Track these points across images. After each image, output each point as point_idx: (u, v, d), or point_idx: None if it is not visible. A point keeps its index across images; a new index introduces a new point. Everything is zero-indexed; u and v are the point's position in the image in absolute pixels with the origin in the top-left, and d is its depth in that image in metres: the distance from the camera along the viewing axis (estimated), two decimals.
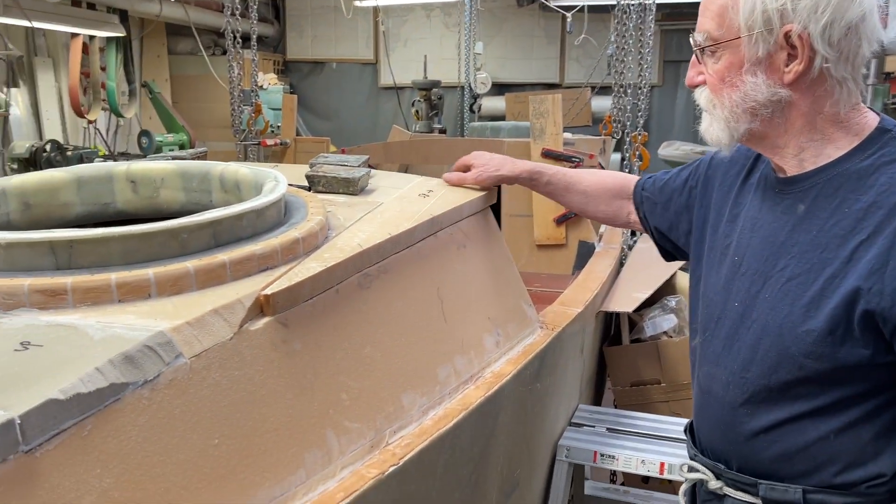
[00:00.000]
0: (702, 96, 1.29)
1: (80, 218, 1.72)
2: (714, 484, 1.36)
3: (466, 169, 1.98)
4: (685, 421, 1.55)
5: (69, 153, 5.31)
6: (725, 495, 1.35)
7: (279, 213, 1.50)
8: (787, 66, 1.17)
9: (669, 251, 1.68)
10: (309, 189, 1.89)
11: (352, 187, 1.86)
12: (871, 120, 1.20)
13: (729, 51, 1.21)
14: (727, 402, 1.32)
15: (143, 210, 1.79)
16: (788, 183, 1.26)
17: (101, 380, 0.95)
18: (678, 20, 8.93)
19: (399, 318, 1.54)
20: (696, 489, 1.46)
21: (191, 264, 1.21)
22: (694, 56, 1.30)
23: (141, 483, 0.98)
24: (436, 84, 8.13)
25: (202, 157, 2.49)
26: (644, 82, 4.18)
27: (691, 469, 1.41)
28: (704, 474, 1.38)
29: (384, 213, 1.71)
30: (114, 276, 1.15)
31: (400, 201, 1.82)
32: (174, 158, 1.99)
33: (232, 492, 1.09)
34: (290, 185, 1.84)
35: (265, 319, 1.22)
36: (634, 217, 1.74)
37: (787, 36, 1.15)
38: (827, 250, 1.16)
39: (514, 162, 1.93)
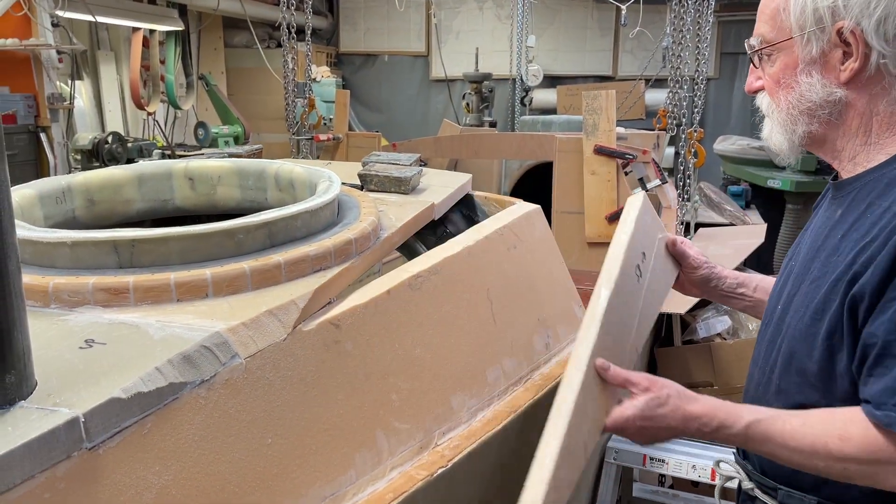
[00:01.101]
0: (763, 101, 1.27)
1: (140, 214, 1.77)
2: (747, 484, 1.36)
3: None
4: None
5: (129, 144, 5.45)
6: (756, 497, 1.35)
7: (332, 214, 1.52)
8: (842, 64, 1.14)
9: None
10: (361, 188, 1.90)
11: (403, 186, 1.87)
12: None
13: (783, 52, 1.19)
14: (753, 400, 1.31)
15: (200, 207, 1.83)
16: (837, 188, 1.25)
17: (161, 379, 0.98)
18: (736, 11, 8.70)
19: (449, 320, 1.54)
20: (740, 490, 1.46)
21: (247, 265, 1.24)
22: (752, 61, 1.28)
23: (197, 480, 1.00)
24: (487, 77, 8.10)
25: (258, 154, 2.53)
26: (700, 76, 4.08)
27: (725, 467, 1.42)
28: (738, 474, 1.39)
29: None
30: (173, 276, 1.18)
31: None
32: (231, 155, 2.03)
33: (284, 490, 1.11)
34: (342, 183, 1.86)
35: (318, 320, 1.24)
36: None
37: (839, 33, 1.12)
38: (842, 254, 1.14)
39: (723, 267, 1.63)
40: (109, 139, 5.31)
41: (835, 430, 1.10)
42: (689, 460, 2.23)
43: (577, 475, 1.02)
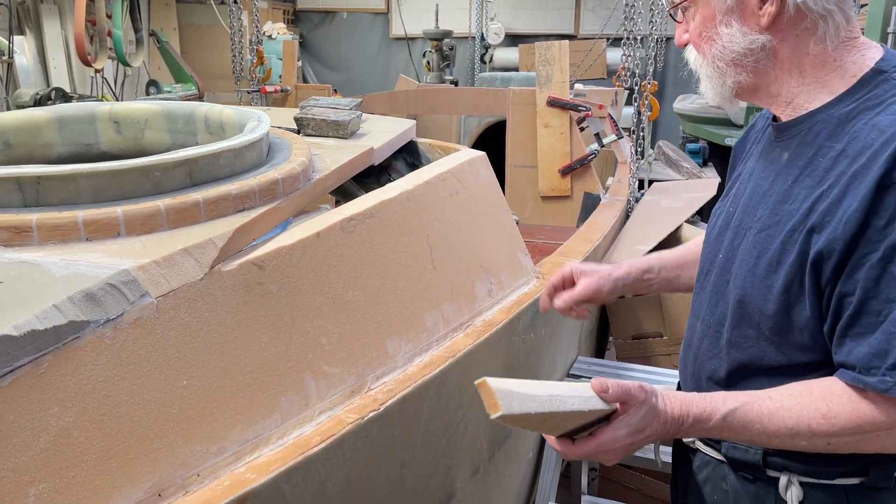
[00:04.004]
0: (690, 55, 1.24)
1: (62, 159, 1.69)
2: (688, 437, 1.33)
3: (563, 284, 1.55)
4: None
5: (74, 101, 5.26)
6: (697, 450, 1.33)
7: (260, 154, 1.45)
8: (760, 9, 1.11)
9: None
10: (298, 132, 1.84)
11: (341, 130, 1.81)
12: (870, 59, 1.11)
13: (701, 5, 1.17)
14: (699, 355, 1.29)
15: (127, 151, 1.75)
16: (779, 131, 1.19)
17: (59, 317, 0.93)
18: None
19: (385, 264, 1.50)
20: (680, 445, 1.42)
21: (162, 203, 1.18)
22: (672, 16, 1.25)
23: (102, 422, 0.95)
24: (447, 34, 7.97)
25: (192, 98, 2.43)
26: (654, 28, 4.05)
27: None
28: None
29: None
30: (81, 214, 1.12)
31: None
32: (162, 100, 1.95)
33: (201, 433, 1.07)
34: (279, 127, 1.79)
35: (239, 261, 1.19)
36: None
37: None
38: (795, 202, 1.10)
39: (620, 264, 1.55)
40: (52, 95, 5.11)
41: (816, 408, 1.05)
42: None
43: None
